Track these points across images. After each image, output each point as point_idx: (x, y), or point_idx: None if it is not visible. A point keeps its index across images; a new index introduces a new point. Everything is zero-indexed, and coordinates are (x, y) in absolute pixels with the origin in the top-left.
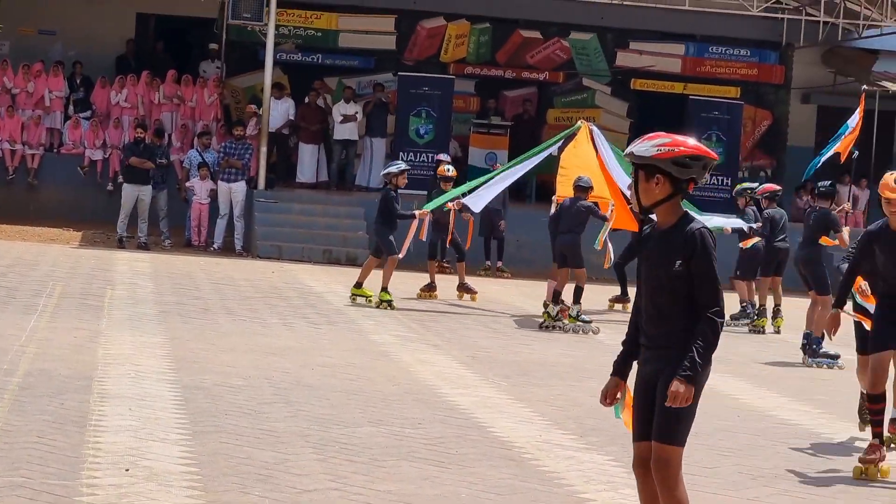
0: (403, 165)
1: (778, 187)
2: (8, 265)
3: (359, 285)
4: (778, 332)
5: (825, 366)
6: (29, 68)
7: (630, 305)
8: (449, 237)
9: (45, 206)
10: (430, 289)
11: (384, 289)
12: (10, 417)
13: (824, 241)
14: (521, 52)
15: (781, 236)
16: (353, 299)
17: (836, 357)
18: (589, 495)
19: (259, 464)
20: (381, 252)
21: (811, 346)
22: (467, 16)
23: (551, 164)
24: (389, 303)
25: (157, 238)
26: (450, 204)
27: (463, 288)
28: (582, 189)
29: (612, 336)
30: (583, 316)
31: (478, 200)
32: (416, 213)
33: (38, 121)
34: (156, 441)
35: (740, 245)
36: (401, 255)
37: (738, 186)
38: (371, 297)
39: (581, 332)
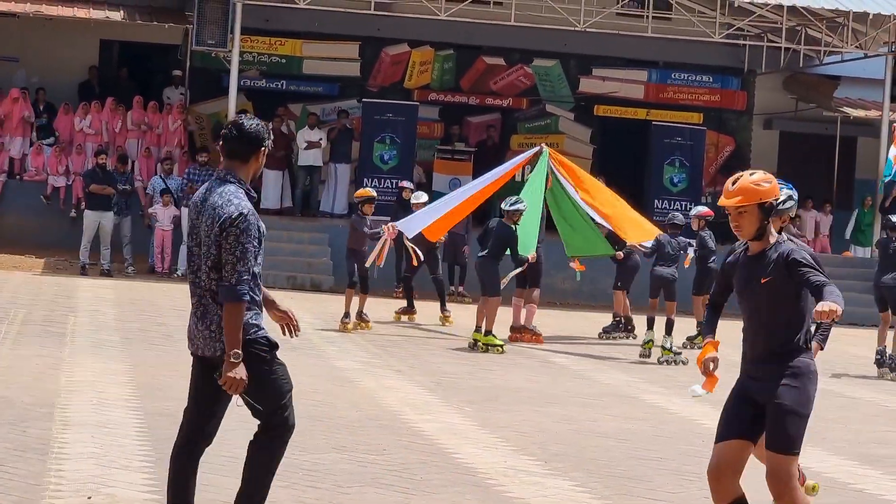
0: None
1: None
2: None
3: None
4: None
5: None
6: None
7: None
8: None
9: (7, 233)
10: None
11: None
12: None
13: None
14: (485, 79)
15: (713, 258)
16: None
17: None
18: None
19: (222, 490)
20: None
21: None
22: (431, 42)
23: (514, 188)
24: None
25: (121, 265)
26: (387, 230)
27: (359, 317)
28: (677, 226)
29: (575, 361)
30: (674, 348)
31: (409, 224)
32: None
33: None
34: (119, 468)
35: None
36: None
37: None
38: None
39: (672, 363)
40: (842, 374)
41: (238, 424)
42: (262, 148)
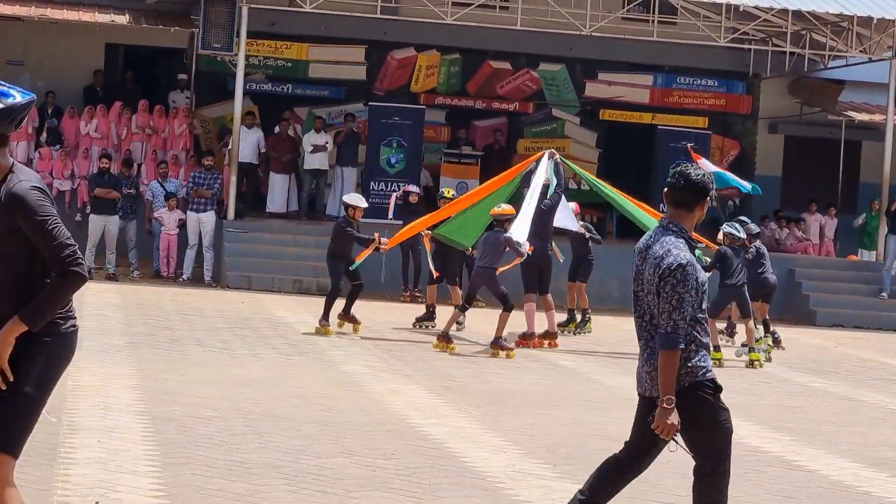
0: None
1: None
2: None
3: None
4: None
5: None
6: None
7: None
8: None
9: None
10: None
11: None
12: None
13: None
14: (491, 83)
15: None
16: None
17: None
18: None
19: (230, 495)
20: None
21: None
22: (437, 46)
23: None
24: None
25: (126, 269)
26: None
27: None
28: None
29: (584, 365)
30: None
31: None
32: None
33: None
34: (126, 473)
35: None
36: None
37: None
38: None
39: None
40: (847, 377)
41: (247, 429)
42: (707, 197)
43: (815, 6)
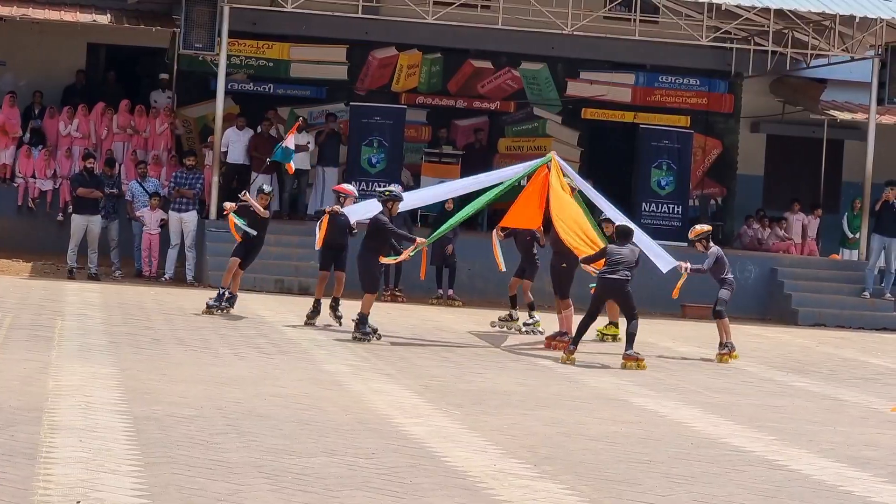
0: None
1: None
2: None
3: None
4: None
5: None
6: None
7: None
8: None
9: None
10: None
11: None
12: None
13: None
14: (472, 82)
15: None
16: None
17: None
18: None
19: (212, 495)
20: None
21: None
22: (419, 46)
23: (511, 192)
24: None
25: (108, 269)
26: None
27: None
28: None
29: (565, 365)
30: None
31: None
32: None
33: None
34: (107, 473)
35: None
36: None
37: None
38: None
39: None
40: (829, 377)
41: (228, 428)
42: None
43: (798, 5)
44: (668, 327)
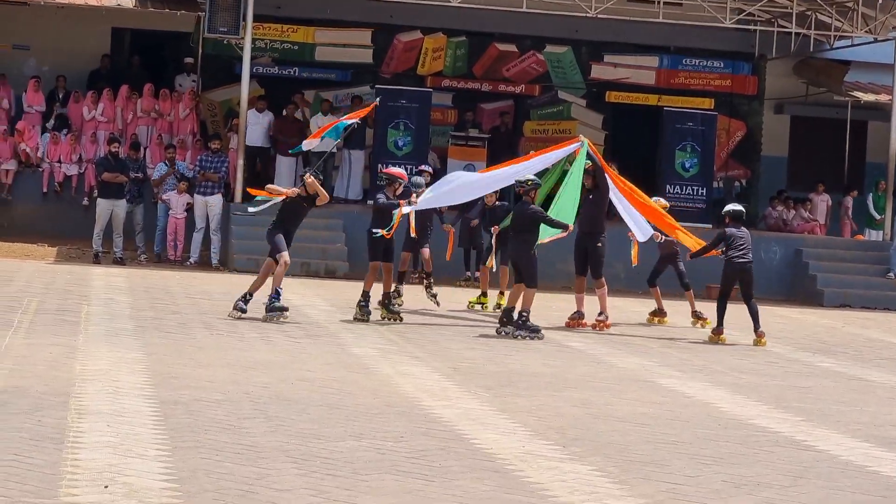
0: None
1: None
2: None
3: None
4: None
5: None
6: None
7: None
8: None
9: (19, 221)
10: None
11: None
12: None
13: None
14: (497, 66)
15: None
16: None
17: None
18: None
19: (240, 479)
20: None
21: None
22: (444, 29)
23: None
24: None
25: (133, 253)
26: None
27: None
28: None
29: (592, 346)
30: None
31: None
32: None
33: (5, 136)
34: (135, 457)
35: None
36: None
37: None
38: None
39: None
40: (855, 357)
41: (256, 413)
42: None
43: None
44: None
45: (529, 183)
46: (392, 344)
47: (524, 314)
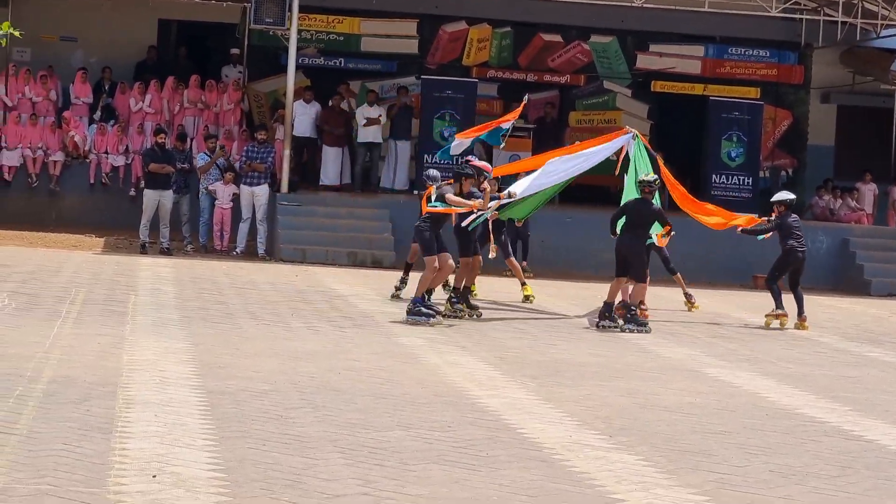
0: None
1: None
2: (30, 272)
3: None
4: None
5: None
6: (47, 78)
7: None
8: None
9: (67, 212)
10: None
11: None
12: (35, 425)
13: None
14: (543, 56)
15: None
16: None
17: None
18: (620, 496)
19: (287, 469)
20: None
21: None
22: (489, 20)
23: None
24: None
25: (180, 243)
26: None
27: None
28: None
29: (637, 335)
30: None
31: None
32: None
33: (53, 128)
34: (182, 447)
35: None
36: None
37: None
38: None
39: None
40: None
41: (303, 403)
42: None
43: None
44: (738, 297)
45: (656, 182)
46: (439, 334)
47: (633, 308)
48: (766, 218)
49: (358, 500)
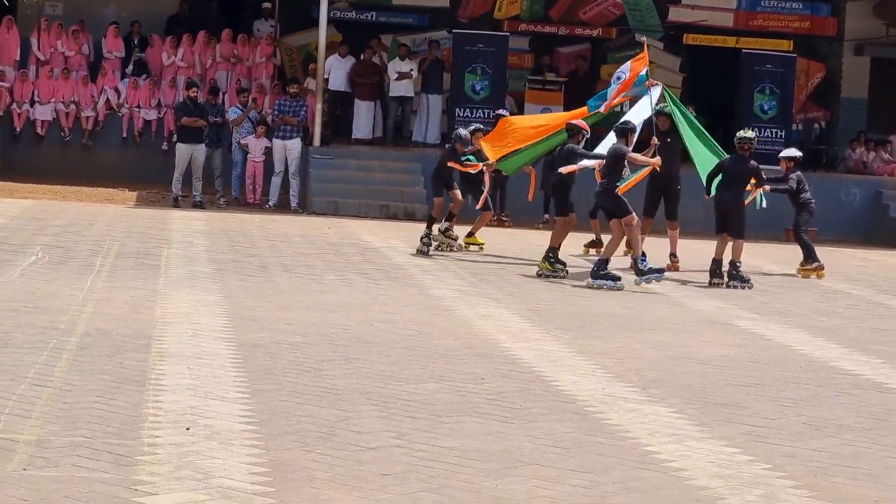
0: (472, 127)
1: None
2: (64, 225)
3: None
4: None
5: None
6: (79, 33)
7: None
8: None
9: (100, 166)
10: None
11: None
12: (69, 377)
13: None
14: (574, 9)
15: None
16: (467, 247)
17: None
18: (654, 448)
19: (320, 421)
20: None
21: None
22: None
23: (610, 118)
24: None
25: (213, 196)
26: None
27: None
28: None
29: (670, 288)
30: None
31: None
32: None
33: (87, 81)
34: (215, 400)
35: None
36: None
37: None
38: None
39: None
40: None
41: (335, 355)
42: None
43: None
44: (770, 251)
45: (755, 140)
46: (471, 286)
47: (738, 263)
48: (787, 174)
49: (391, 453)
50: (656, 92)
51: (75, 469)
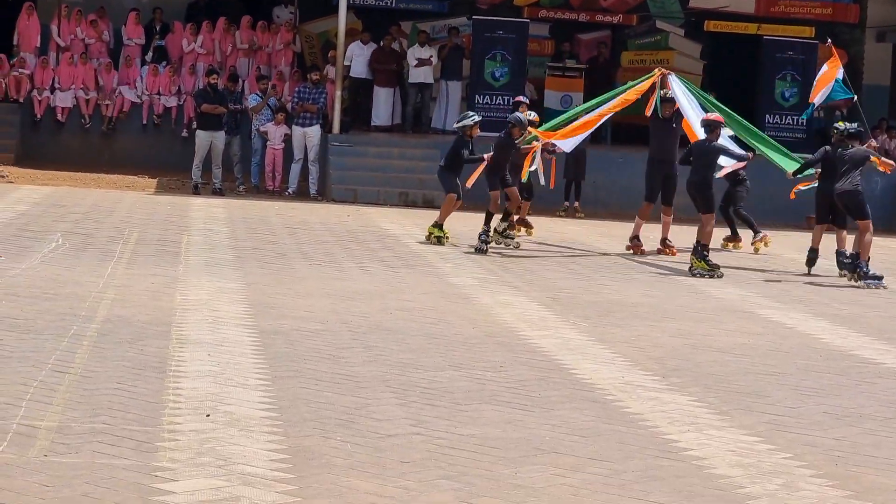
0: (476, 117)
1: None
2: (84, 212)
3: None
4: None
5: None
6: (99, 20)
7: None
8: (522, 175)
9: (120, 153)
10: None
11: (439, 225)
12: (89, 364)
13: None
14: None
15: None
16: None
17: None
18: (673, 436)
19: (340, 409)
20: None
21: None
22: None
23: (633, 107)
24: (440, 238)
25: (232, 183)
26: (536, 143)
27: (523, 223)
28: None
29: (690, 276)
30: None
31: (568, 142)
32: (484, 156)
33: (109, 68)
34: (236, 386)
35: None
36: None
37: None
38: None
39: None
40: None
41: (354, 342)
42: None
43: None
44: (792, 238)
45: (852, 131)
46: (490, 274)
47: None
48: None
49: (410, 440)
50: (675, 81)
51: (96, 455)
